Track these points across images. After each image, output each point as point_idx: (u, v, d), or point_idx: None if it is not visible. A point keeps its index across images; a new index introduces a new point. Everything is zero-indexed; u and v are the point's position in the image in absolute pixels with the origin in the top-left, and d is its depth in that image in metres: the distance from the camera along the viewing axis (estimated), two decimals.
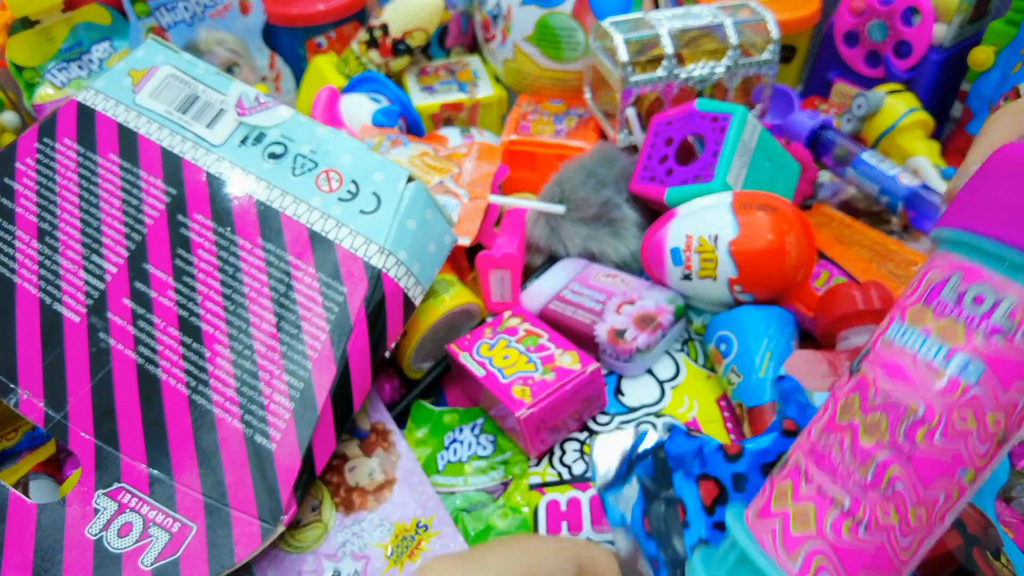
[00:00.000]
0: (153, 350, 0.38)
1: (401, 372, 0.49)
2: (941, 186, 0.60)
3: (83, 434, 0.36)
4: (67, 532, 0.34)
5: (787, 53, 0.72)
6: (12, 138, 0.61)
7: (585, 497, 0.41)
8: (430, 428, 0.46)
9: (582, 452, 0.43)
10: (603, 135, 0.64)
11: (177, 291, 0.39)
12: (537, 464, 0.43)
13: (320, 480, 0.40)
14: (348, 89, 0.66)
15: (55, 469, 0.44)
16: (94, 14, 0.63)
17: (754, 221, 0.46)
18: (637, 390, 0.47)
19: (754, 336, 0.45)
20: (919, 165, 0.61)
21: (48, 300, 0.39)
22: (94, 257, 0.40)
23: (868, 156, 0.58)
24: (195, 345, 0.38)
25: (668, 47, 0.56)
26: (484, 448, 0.44)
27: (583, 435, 0.44)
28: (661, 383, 0.47)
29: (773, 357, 0.44)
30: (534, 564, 0.28)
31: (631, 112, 0.58)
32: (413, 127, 0.64)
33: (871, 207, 0.61)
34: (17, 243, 0.40)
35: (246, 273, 0.39)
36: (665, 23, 0.58)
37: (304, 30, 0.71)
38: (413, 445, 0.45)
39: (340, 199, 0.40)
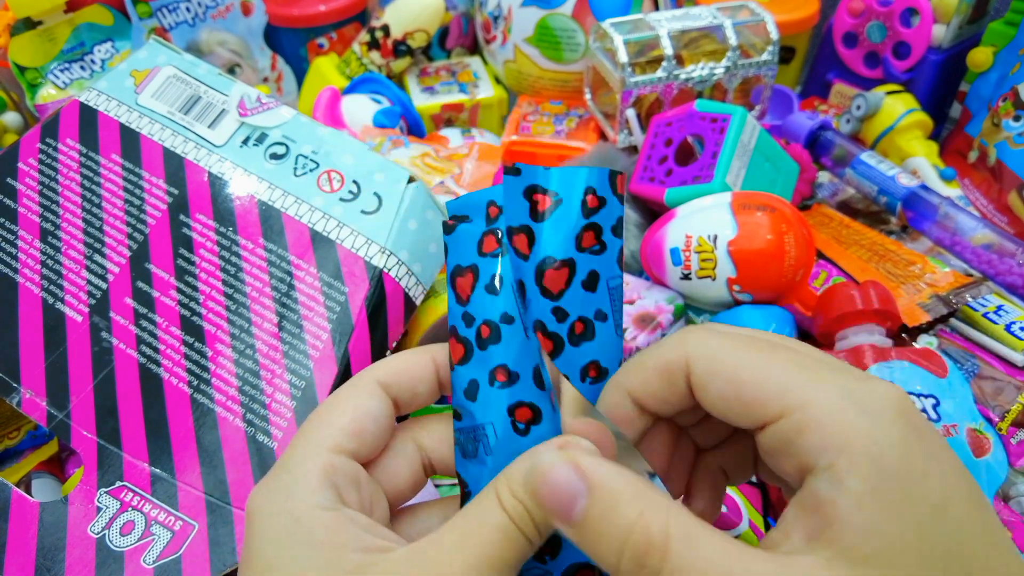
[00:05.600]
0: (155, 349, 0.38)
1: None
2: (940, 187, 0.60)
3: (85, 433, 0.37)
4: (69, 531, 0.35)
5: (786, 54, 0.72)
6: (14, 138, 0.61)
7: None
8: None
9: None
10: (603, 136, 0.64)
11: (179, 291, 0.39)
12: None
13: None
14: (349, 90, 0.66)
15: (57, 468, 0.44)
16: (96, 15, 0.63)
17: (753, 221, 0.46)
18: None
19: None
20: (918, 166, 0.62)
21: (50, 300, 0.39)
22: (96, 257, 0.40)
23: (867, 156, 0.58)
24: (197, 344, 0.38)
25: (668, 48, 0.57)
26: None
27: None
28: None
29: None
30: None
31: (631, 113, 0.59)
32: (414, 128, 0.64)
33: (870, 207, 0.61)
34: (20, 243, 0.41)
35: (248, 273, 0.39)
36: (665, 24, 0.58)
37: (306, 31, 0.71)
38: None
39: (341, 199, 0.41)
